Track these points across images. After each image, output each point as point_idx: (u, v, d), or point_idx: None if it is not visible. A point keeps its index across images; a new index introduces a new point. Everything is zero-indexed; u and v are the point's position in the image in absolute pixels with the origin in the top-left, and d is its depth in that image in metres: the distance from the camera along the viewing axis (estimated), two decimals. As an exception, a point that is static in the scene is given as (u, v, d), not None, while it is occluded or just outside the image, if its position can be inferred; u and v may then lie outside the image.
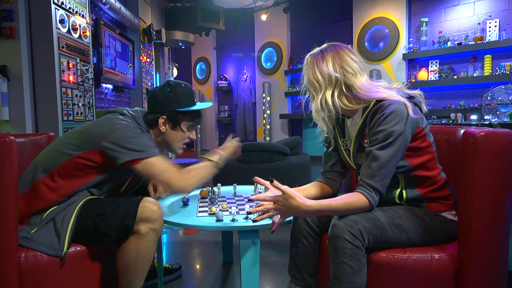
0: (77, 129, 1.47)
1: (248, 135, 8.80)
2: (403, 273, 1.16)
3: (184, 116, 1.55)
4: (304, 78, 1.32)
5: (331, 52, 1.27)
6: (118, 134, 1.36)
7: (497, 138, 1.09)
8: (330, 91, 1.24)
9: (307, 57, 1.33)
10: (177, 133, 1.56)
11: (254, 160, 3.13)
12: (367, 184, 1.17)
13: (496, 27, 4.97)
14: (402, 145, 1.16)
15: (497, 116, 4.42)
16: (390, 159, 1.15)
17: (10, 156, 1.16)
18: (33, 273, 1.23)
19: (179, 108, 1.52)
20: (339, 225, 1.13)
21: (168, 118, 1.53)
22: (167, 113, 1.52)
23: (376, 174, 1.16)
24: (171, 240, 2.68)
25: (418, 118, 1.22)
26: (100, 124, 1.42)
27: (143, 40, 5.53)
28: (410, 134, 1.19)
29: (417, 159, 1.24)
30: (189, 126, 1.58)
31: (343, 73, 1.24)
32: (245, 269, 1.39)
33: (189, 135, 1.60)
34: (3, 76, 2.72)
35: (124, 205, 1.32)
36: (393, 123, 1.14)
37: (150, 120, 1.53)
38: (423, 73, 5.63)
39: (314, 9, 7.22)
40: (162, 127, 1.53)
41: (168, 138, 1.57)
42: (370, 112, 1.22)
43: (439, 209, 1.26)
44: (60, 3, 2.93)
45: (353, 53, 1.28)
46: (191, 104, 1.56)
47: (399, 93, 1.24)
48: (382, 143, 1.15)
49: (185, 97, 1.55)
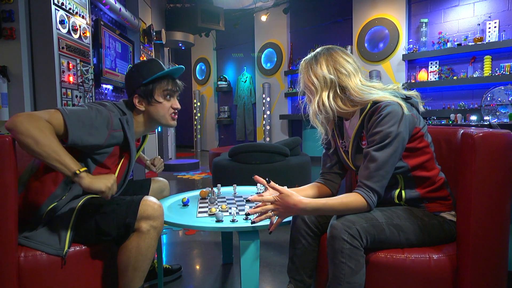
0: None
1: (248, 135, 8.81)
2: (401, 274, 1.16)
3: (153, 86, 1.50)
4: (300, 83, 1.35)
5: (324, 55, 1.29)
6: (89, 104, 1.39)
7: (496, 139, 1.10)
8: (326, 93, 1.26)
9: (302, 62, 1.35)
10: (155, 107, 1.52)
11: (254, 161, 3.13)
12: (365, 185, 1.18)
13: (496, 27, 4.98)
14: (400, 145, 1.17)
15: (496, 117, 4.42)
16: (388, 160, 1.16)
17: (10, 156, 1.17)
18: (32, 272, 1.24)
19: (144, 80, 1.49)
20: (337, 226, 1.13)
21: (140, 95, 1.50)
22: (137, 90, 1.50)
23: (373, 175, 1.16)
24: (171, 240, 2.68)
25: (414, 118, 1.23)
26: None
27: (143, 40, 5.53)
28: (407, 135, 1.20)
29: (415, 159, 1.24)
30: (164, 95, 1.53)
31: (337, 74, 1.26)
32: (245, 269, 1.40)
33: (170, 104, 1.56)
34: (3, 77, 2.72)
35: (125, 203, 1.32)
36: (390, 124, 1.15)
37: (130, 105, 1.53)
38: (423, 73, 5.64)
39: (314, 10, 7.23)
40: (140, 106, 1.51)
41: (151, 115, 1.54)
42: (367, 113, 1.23)
43: (438, 209, 1.27)
44: (60, 4, 2.93)
45: (346, 54, 1.30)
46: (156, 73, 1.52)
47: (394, 94, 1.24)
48: (379, 144, 1.16)
49: (148, 69, 1.52)
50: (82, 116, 1.31)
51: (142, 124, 1.56)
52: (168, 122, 1.57)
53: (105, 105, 1.43)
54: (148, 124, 1.58)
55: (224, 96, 9.47)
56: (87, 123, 1.31)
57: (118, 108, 1.47)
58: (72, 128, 1.27)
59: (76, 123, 1.28)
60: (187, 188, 4.60)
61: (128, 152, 1.51)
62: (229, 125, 9.36)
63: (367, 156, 1.19)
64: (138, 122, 1.55)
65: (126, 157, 1.52)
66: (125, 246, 1.32)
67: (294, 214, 1.24)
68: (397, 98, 1.20)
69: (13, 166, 1.18)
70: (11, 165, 1.17)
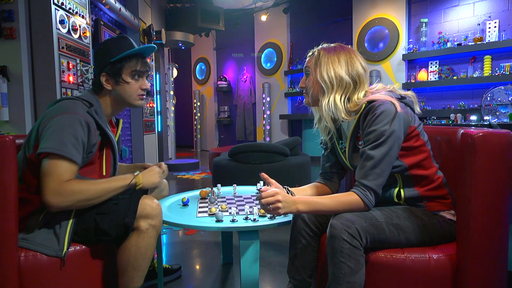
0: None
1: (248, 135, 8.81)
2: (401, 274, 1.16)
3: (121, 65, 1.43)
4: (316, 73, 1.31)
5: (346, 55, 1.29)
6: (54, 121, 1.28)
7: (495, 139, 1.10)
8: (339, 95, 1.28)
9: (320, 50, 1.32)
10: (123, 86, 1.45)
11: (254, 161, 3.13)
12: (361, 184, 1.19)
13: (496, 27, 4.98)
14: (395, 143, 1.18)
15: (496, 117, 4.42)
16: (383, 158, 1.16)
17: (10, 156, 1.17)
18: (33, 272, 1.24)
19: (112, 58, 1.42)
20: (337, 225, 1.13)
21: (108, 74, 1.43)
22: (105, 68, 1.43)
23: (369, 174, 1.17)
24: (171, 240, 2.68)
25: (409, 117, 1.24)
26: (46, 113, 1.34)
27: (143, 40, 5.53)
28: (402, 133, 1.21)
29: (412, 158, 1.25)
30: (132, 74, 1.46)
31: (352, 81, 1.27)
32: (245, 269, 1.40)
33: (139, 85, 1.49)
34: (3, 77, 2.72)
35: (123, 203, 1.32)
36: (384, 123, 1.16)
37: (96, 84, 1.47)
38: (423, 73, 5.64)
39: (314, 9, 7.23)
40: (107, 85, 1.44)
41: (118, 94, 1.47)
42: (362, 113, 1.24)
43: (438, 208, 1.27)
44: (60, 3, 2.93)
45: (363, 59, 1.32)
46: (125, 51, 1.45)
47: (388, 94, 1.26)
48: (374, 142, 1.17)
49: (117, 47, 1.45)
50: (66, 138, 1.25)
51: (110, 106, 1.49)
52: (134, 103, 1.50)
53: (66, 110, 1.32)
54: (116, 105, 1.51)
55: (224, 96, 9.47)
56: (74, 141, 1.26)
57: (82, 101, 1.39)
58: (74, 156, 1.25)
59: (71, 149, 1.24)
60: (187, 188, 4.60)
61: (108, 141, 1.46)
62: (229, 125, 9.36)
63: (363, 155, 1.21)
64: (106, 104, 1.48)
65: (107, 147, 1.48)
66: (125, 245, 1.32)
67: (291, 212, 1.23)
68: (390, 97, 1.21)
69: (13, 166, 1.18)
70: (11, 165, 1.17)
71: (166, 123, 6.66)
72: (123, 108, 1.55)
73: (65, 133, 1.25)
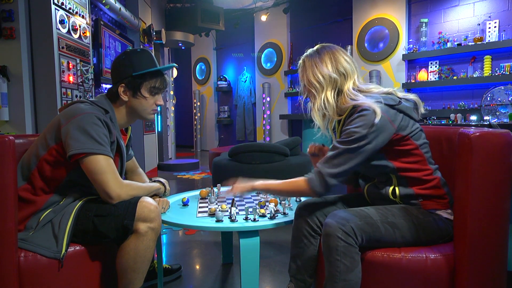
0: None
1: (248, 135, 8.81)
2: (398, 273, 1.17)
3: (141, 80, 1.48)
4: (304, 79, 1.37)
5: (327, 53, 1.33)
6: (76, 121, 1.31)
7: (493, 139, 1.10)
8: (330, 92, 1.31)
9: (304, 58, 1.38)
10: (140, 100, 1.50)
11: (254, 161, 3.13)
12: (316, 167, 1.25)
13: (496, 27, 4.98)
14: (362, 146, 1.19)
15: (496, 117, 4.42)
16: (345, 152, 1.20)
17: (9, 156, 1.17)
18: (32, 273, 1.24)
19: (134, 72, 1.46)
20: (331, 224, 1.14)
21: (127, 85, 1.47)
22: (125, 80, 1.47)
23: (327, 161, 1.23)
24: (171, 240, 2.68)
25: (390, 125, 1.21)
26: (62, 115, 1.38)
27: (143, 40, 5.53)
28: (376, 141, 1.20)
29: (400, 160, 1.26)
30: (150, 90, 1.51)
31: (339, 75, 1.31)
32: (245, 269, 1.40)
33: (155, 101, 1.54)
34: (3, 77, 2.72)
35: (122, 205, 1.32)
36: (357, 125, 1.20)
37: (113, 93, 1.50)
38: (423, 73, 5.64)
39: (314, 9, 7.23)
40: (123, 96, 1.48)
41: (133, 106, 1.51)
42: (347, 115, 1.28)
43: (433, 207, 1.27)
44: (60, 3, 2.94)
45: (346, 54, 1.35)
46: (148, 68, 1.49)
47: (378, 99, 1.24)
48: (343, 139, 1.22)
49: (140, 61, 1.49)
50: (97, 137, 1.32)
51: (123, 116, 1.53)
52: (147, 116, 1.56)
53: (85, 110, 1.36)
54: (128, 116, 1.55)
55: (224, 96, 9.47)
56: (104, 138, 1.35)
57: (98, 107, 1.43)
58: (109, 152, 1.36)
59: (106, 146, 1.34)
60: (187, 188, 4.60)
61: (118, 149, 1.49)
62: (229, 125, 9.36)
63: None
64: (120, 114, 1.52)
65: (116, 155, 1.50)
66: (124, 248, 1.32)
67: (247, 186, 1.41)
68: (376, 104, 1.21)
69: (12, 166, 1.18)
70: (11, 165, 1.17)
71: (166, 123, 6.66)
72: (135, 120, 1.59)
73: (93, 131, 1.32)
